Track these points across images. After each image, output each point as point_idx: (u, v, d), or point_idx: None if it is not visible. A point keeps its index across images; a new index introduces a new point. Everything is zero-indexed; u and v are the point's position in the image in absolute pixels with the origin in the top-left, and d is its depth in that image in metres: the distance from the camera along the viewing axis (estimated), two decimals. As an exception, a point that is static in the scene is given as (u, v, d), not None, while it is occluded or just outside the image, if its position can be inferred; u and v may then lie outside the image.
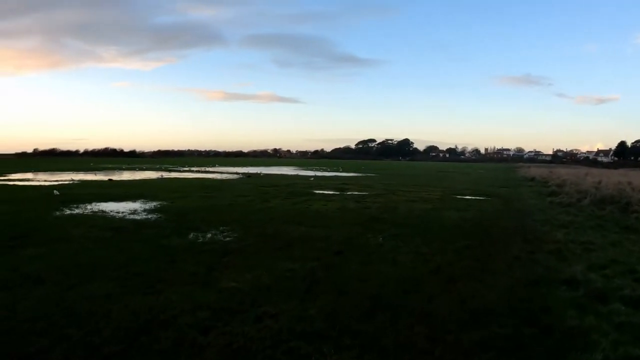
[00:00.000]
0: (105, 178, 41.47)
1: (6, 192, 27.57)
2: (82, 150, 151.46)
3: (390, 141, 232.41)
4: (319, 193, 28.81)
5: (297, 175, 53.52)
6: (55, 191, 26.54)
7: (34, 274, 9.24)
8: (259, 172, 59.42)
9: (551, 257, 11.32)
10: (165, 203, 22.07)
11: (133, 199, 23.79)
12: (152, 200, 23.31)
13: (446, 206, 22.43)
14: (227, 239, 13.58)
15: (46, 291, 8.25)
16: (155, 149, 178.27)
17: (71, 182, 36.60)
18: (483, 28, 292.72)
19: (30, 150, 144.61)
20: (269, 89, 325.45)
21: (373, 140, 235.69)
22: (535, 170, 67.21)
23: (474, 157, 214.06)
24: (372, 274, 9.44)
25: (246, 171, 62.88)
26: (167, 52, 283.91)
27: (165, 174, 51.69)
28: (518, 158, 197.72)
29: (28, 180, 39.36)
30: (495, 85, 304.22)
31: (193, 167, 76.44)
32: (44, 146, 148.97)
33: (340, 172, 67.81)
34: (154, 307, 7.38)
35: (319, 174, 59.50)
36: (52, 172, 52.14)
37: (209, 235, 13.99)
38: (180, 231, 14.53)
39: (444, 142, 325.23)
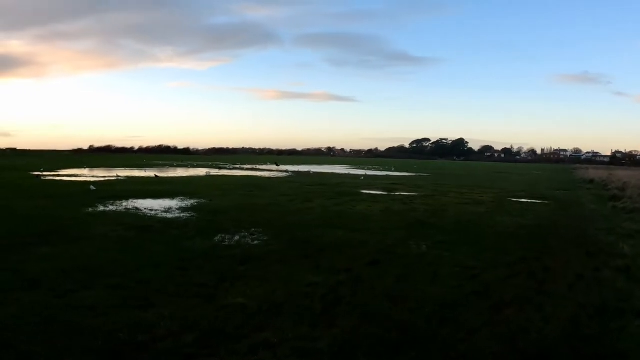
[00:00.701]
0: (153, 174, 41.39)
1: (51, 187, 27.57)
2: (136, 148, 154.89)
3: (444, 141, 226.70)
4: (365, 193, 27.27)
5: (347, 175, 52.03)
6: (91, 187, 26.25)
7: (33, 277, 8.48)
8: (309, 170, 58.24)
9: (620, 277, 9.37)
10: (203, 201, 21.19)
11: (172, 196, 23.06)
12: (191, 197, 22.50)
13: (500, 210, 20.40)
14: (254, 242, 12.38)
15: (36, 297, 7.41)
16: (210, 146, 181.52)
17: (116, 178, 36.60)
18: (540, 25, 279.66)
19: (86, 147, 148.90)
20: (323, 88, 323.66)
21: (427, 140, 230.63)
22: (593, 172, 62.80)
23: (529, 158, 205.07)
24: (407, 292, 7.89)
25: (297, 169, 61.91)
26: (222, 52, 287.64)
27: (214, 172, 51.40)
28: (575, 159, 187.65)
29: (76, 175, 39.64)
30: (552, 83, 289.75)
31: (244, 165, 76.24)
32: (99, 143, 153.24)
33: (392, 171, 65.77)
34: (138, 325, 6.24)
35: (370, 173, 57.78)
36: (103, 168, 52.78)
37: (236, 238, 12.83)
38: (207, 232, 13.50)
39: (499, 142, 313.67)
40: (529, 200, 25.73)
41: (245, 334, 6.01)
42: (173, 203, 20.44)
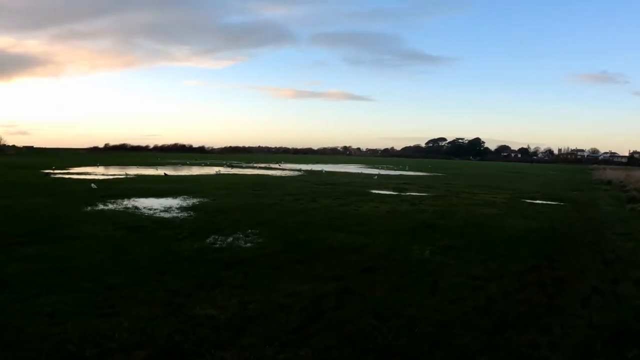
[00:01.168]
0: (163, 173, 40.80)
1: (56, 185, 27.16)
2: (152, 146, 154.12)
3: (460, 140, 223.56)
4: (375, 193, 26.34)
5: (359, 174, 51.09)
6: (92, 184, 25.78)
7: (3, 279, 7.97)
8: (322, 169, 57.39)
9: (641, 291, 8.37)
10: (206, 200, 20.50)
11: (176, 195, 22.38)
12: (195, 196, 21.82)
13: (512, 212, 19.33)
14: (247, 245, 11.62)
15: (-1, 300, 6.82)
16: (226, 145, 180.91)
17: (125, 176, 36.08)
18: (557, 24, 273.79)
19: (102, 145, 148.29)
20: (339, 87, 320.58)
21: (443, 139, 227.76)
22: (611, 173, 60.68)
23: (546, 158, 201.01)
24: (398, 307, 7.00)
25: (309, 168, 61.12)
26: (239, 50, 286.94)
27: (225, 170, 50.82)
28: (592, 159, 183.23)
29: (86, 173, 39.14)
30: (569, 83, 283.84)
31: (258, 163, 75.61)
32: (116, 142, 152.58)
33: (407, 171, 64.62)
34: (92, 337, 5.62)
35: (383, 172, 56.69)
36: (115, 166, 52.42)
37: (229, 240, 12.08)
38: (200, 233, 12.79)
39: (516, 141, 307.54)
40: (544, 202, 24.57)
41: (203, 353, 5.22)
42: (175, 202, 19.77)
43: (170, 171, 44.84)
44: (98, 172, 41.07)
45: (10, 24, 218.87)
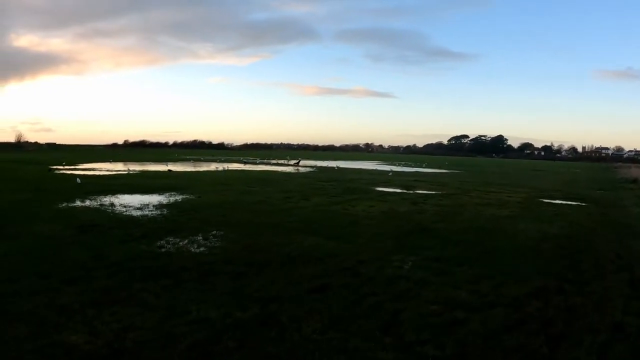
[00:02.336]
0: (167, 169, 38.88)
1: (51, 181, 25.62)
2: (171, 142, 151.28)
3: (483, 137, 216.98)
4: (377, 191, 24.02)
5: (373, 170, 48.62)
6: (77, 179, 24.32)
7: None
8: (336, 165, 55.08)
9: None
10: (189, 197, 18.58)
11: (163, 191, 20.47)
12: (183, 193, 19.92)
13: (526, 214, 16.84)
14: (198, 249, 9.72)
15: None
16: (250, 142, 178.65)
17: (127, 172, 34.32)
18: (582, 20, 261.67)
19: (121, 142, 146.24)
20: (362, 84, 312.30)
21: (466, 136, 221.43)
22: (636, 171, 56.55)
23: (570, 156, 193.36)
24: (324, 354, 4.82)
25: (326, 165, 58.83)
26: (262, 47, 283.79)
27: (235, 166, 48.63)
28: (617, 157, 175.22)
29: (92, 169, 37.46)
30: (594, 79, 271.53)
31: (273, 159, 73.23)
32: (139, 139, 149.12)
33: (424, 167, 61.69)
34: None
35: (399, 169, 53.95)
36: (126, 162, 50.55)
37: (181, 243, 10.23)
38: (156, 234, 11.15)
39: (539, 139, 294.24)
40: (563, 202, 21.93)
41: None
42: (157, 199, 17.91)
43: (178, 167, 43.14)
44: (104, 168, 39.42)
45: (34, 23, 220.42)
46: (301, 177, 33.64)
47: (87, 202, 16.44)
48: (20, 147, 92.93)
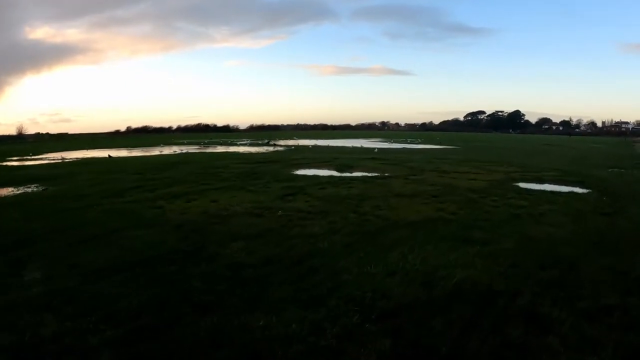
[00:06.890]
0: (108, 154, 32.32)
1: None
2: (174, 127, 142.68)
3: (500, 113, 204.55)
4: (294, 175, 17.11)
5: (356, 148, 41.14)
6: None
7: None
8: (315, 144, 48.17)
9: None
10: (53, 188, 12.05)
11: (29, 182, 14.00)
12: (48, 184, 13.42)
13: (469, 216, 9.72)
14: None
15: None
16: (267, 123, 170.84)
17: (60, 160, 27.85)
18: None
19: (131, 128, 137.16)
20: (380, 62, 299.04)
21: (482, 112, 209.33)
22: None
23: (589, 130, 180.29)
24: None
25: (314, 143, 51.50)
26: (278, 29, 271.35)
27: (210, 150, 41.79)
28: (638, 132, 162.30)
29: (43, 159, 31.17)
30: (615, 52, 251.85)
31: (271, 140, 65.47)
32: (155, 125, 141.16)
33: (418, 144, 53.87)
34: None
35: (393, 146, 46.40)
36: (105, 149, 43.77)
37: None
38: None
39: (557, 114, 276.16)
40: (554, 188, 14.59)
41: None
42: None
43: (138, 152, 36.49)
44: (58, 157, 32.89)
45: (49, 15, 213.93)
46: (241, 159, 26.59)
47: None
48: (20, 139, 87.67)
